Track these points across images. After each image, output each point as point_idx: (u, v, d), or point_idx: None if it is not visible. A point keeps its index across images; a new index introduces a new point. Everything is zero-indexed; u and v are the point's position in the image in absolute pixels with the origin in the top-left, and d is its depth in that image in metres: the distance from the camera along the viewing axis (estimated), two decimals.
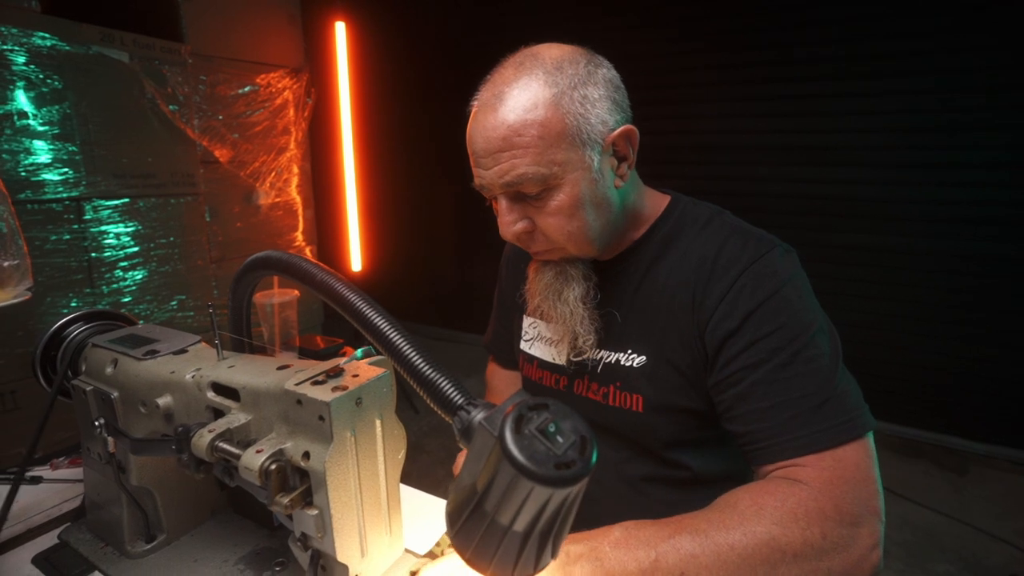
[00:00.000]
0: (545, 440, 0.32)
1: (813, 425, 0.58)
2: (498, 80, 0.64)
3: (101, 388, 0.63)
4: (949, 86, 2.10)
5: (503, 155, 0.62)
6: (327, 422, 0.44)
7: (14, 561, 0.66)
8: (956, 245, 2.20)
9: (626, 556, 0.53)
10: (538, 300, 0.74)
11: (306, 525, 0.46)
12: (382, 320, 0.42)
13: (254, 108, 2.15)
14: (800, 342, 0.62)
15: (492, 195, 0.69)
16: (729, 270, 0.66)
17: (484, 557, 0.35)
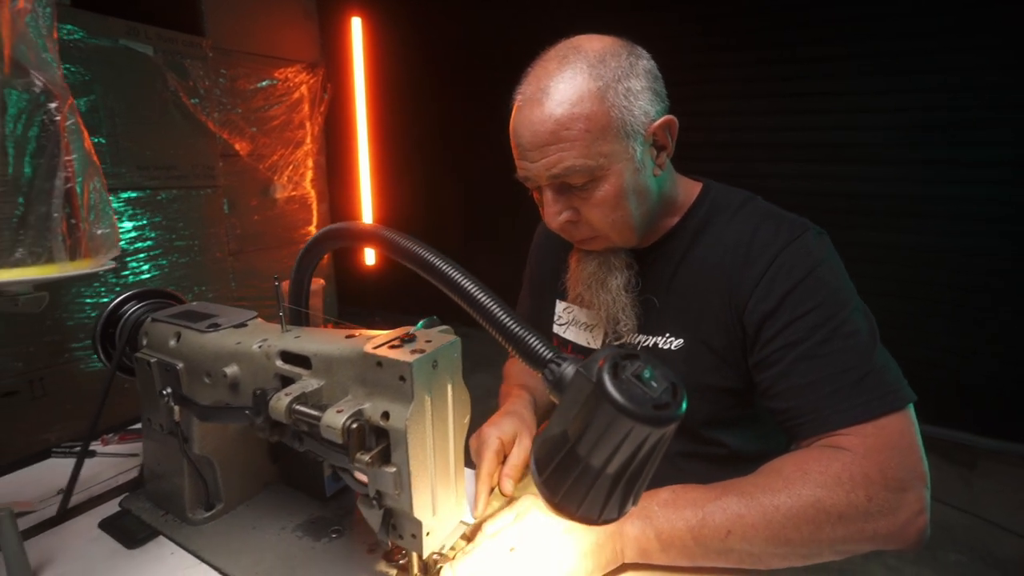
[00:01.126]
0: (641, 384, 0.34)
1: (854, 398, 0.60)
2: (542, 74, 0.65)
3: (165, 360, 0.65)
4: (960, 84, 2.12)
5: (550, 148, 0.64)
6: (408, 383, 0.46)
7: (82, 526, 0.69)
8: (967, 243, 2.22)
9: (674, 515, 0.55)
10: (581, 289, 0.77)
11: (383, 483, 0.48)
12: (470, 283, 0.44)
13: (272, 102, 2.17)
14: (838, 319, 0.63)
15: (536, 186, 0.71)
16: (764, 253, 0.68)
17: (573, 501, 0.38)
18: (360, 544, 0.65)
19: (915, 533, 0.55)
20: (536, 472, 0.40)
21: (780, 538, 0.54)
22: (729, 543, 0.54)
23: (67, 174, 0.45)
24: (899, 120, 2.23)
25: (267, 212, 2.28)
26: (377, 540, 0.65)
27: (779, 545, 0.54)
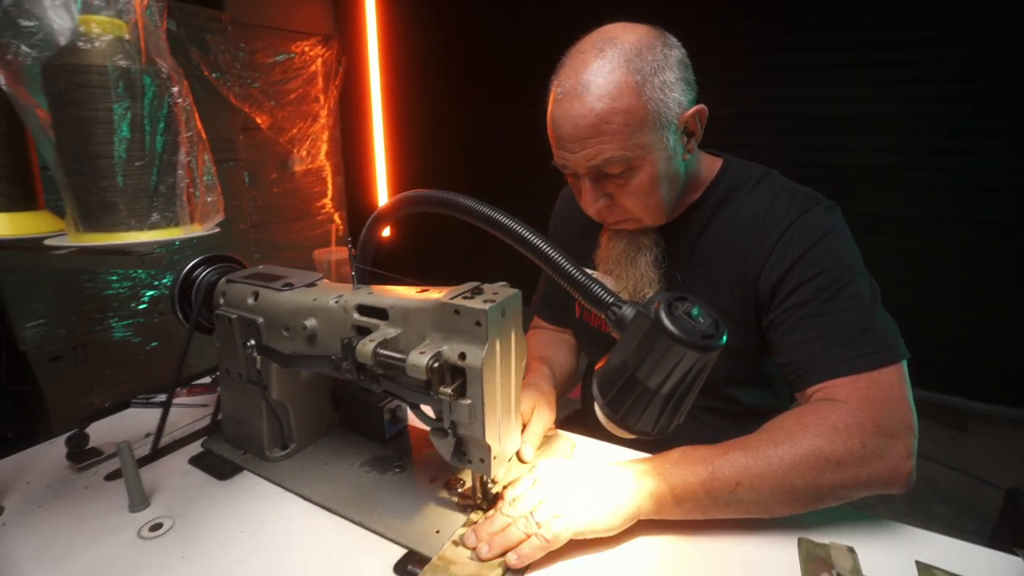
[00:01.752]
0: (691, 320, 0.42)
1: (851, 351, 0.66)
2: (580, 67, 0.68)
3: (246, 316, 0.73)
4: (965, 56, 2.15)
5: (590, 141, 0.68)
6: (483, 327, 0.54)
7: (173, 464, 0.78)
8: (963, 213, 2.29)
9: (686, 471, 0.60)
10: (611, 265, 0.82)
11: (459, 414, 0.57)
12: (540, 240, 0.51)
13: (289, 76, 2.21)
14: (842, 282, 0.69)
15: (573, 173, 0.75)
16: (778, 224, 0.74)
17: (632, 418, 0.46)
18: (422, 476, 0.74)
19: (903, 476, 0.61)
20: (599, 396, 0.48)
21: (785, 486, 0.59)
22: (738, 494, 0.59)
23: (186, 148, 0.52)
24: (907, 92, 2.27)
25: (286, 185, 2.34)
26: (437, 472, 0.74)
27: (784, 493, 0.59)
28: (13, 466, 0.76)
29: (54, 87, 0.46)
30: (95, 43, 0.45)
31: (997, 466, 2.17)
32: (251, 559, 0.60)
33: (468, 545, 0.59)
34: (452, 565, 0.57)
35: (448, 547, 0.60)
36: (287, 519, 0.67)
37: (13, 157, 0.52)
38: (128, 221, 0.50)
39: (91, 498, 0.70)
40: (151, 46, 0.50)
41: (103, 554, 0.61)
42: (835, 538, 0.61)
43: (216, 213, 0.55)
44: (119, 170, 0.48)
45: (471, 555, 0.58)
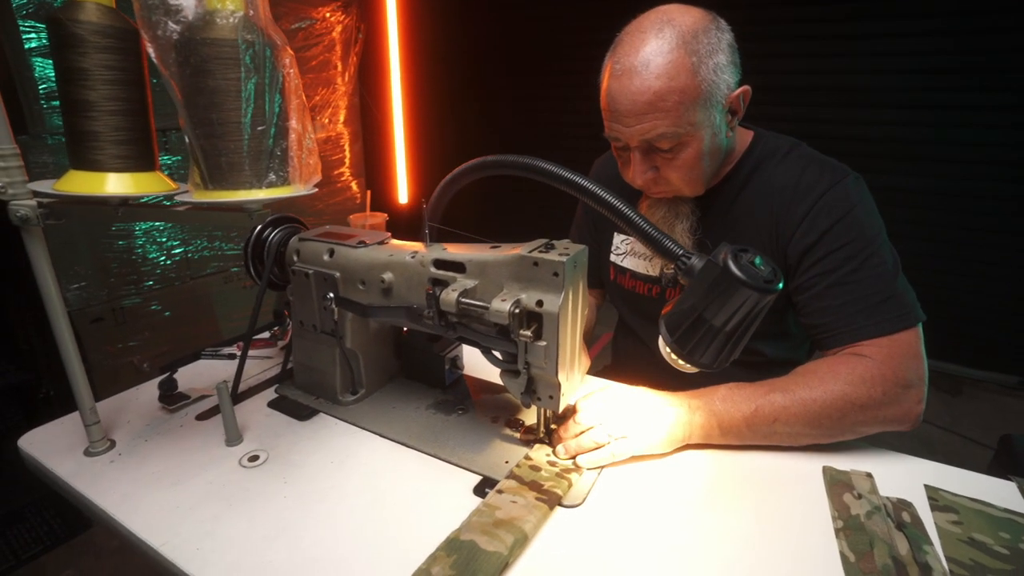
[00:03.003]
0: (754, 267, 0.49)
1: (876, 316, 0.74)
2: (639, 45, 0.72)
3: (322, 271, 0.80)
4: (970, 28, 2.18)
5: (646, 116, 0.73)
6: (561, 277, 0.61)
7: (253, 407, 0.85)
8: (960, 186, 2.36)
9: (732, 408, 0.70)
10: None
11: (535, 354, 0.64)
12: (615, 199, 0.58)
13: (311, 42, 2.21)
14: (867, 252, 0.76)
15: (623, 145, 0.80)
16: (809, 194, 0.79)
17: (697, 352, 0.53)
18: (483, 417, 0.82)
19: (914, 417, 0.71)
20: (667, 335, 0.55)
21: (815, 423, 0.69)
22: (775, 428, 0.69)
23: (297, 115, 0.58)
24: (910, 64, 2.30)
25: None
26: (498, 414, 0.82)
27: (813, 428, 0.70)
28: (111, 408, 0.84)
29: (192, 59, 0.51)
30: (230, 19, 0.50)
31: (986, 427, 2.30)
32: (346, 484, 0.68)
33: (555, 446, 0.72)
34: (540, 469, 0.68)
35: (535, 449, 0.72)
36: (369, 452, 0.75)
37: (137, 122, 0.58)
38: (251, 180, 0.56)
39: (189, 435, 0.78)
40: (265, 20, 0.55)
41: (213, 479, 0.69)
42: (855, 466, 0.70)
43: (315, 173, 0.61)
44: (245, 134, 0.53)
45: (548, 457, 0.70)
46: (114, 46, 0.54)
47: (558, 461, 0.70)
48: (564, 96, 2.99)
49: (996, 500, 0.64)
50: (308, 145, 0.60)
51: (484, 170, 0.67)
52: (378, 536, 0.59)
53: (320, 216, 2.46)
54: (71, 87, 0.53)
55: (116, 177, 0.57)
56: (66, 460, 0.72)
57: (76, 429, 0.77)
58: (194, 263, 1.99)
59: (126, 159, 0.57)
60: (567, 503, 0.64)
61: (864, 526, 0.58)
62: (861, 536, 0.56)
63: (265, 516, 0.62)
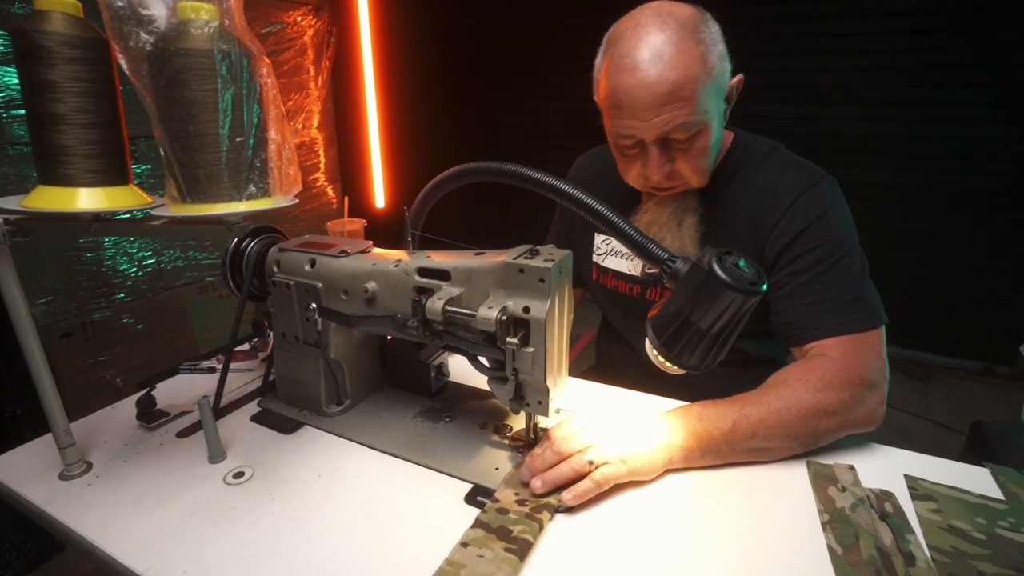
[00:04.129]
0: (738, 269, 0.50)
1: (844, 315, 0.76)
2: (645, 38, 0.72)
3: (303, 282, 0.79)
4: (944, 25, 2.26)
5: (666, 108, 0.72)
6: (547, 283, 0.61)
7: (236, 421, 0.84)
8: (928, 179, 2.44)
9: (710, 426, 0.68)
10: (656, 229, 0.87)
11: (522, 361, 0.64)
12: (600, 205, 0.58)
13: (282, 47, 2.18)
14: (838, 255, 0.79)
15: (635, 143, 0.78)
16: (786, 197, 0.82)
17: (685, 355, 0.54)
18: (472, 424, 0.81)
19: (877, 419, 0.73)
20: (655, 338, 0.56)
21: (791, 434, 0.69)
22: (753, 443, 0.68)
23: (275, 125, 0.57)
24: (882, 61, 2.38)
25: None
26: (486, 420, 0.82)
27: (790, 440, 0.69)
28: (87, 428, 0.81)
29: (167, 70, 0.50)
30: (204, 29, 0.49)
31: (957, 413, 2.38)
32: (335, 499, 0.67)
33: (523, 480, 0.66)
34: (508, 511, 0.62)
35: (500, 489, 0.67)
36: (357, 464, 0.74)
37: (108, 135, 0.56)
38: (231, 192, 0.54)
39: (169, 453, 0.76)
40: (240, 29, 0.54)
41: (198, 498, 0.67)
42: (837, 459, 0.72)
43: (295, 184, 0.60)
44: (224, 146, 0.52)
45: (519, 496, 0.64)
46: (83, 57, 0.52)
47: (527, 499, 0.63)
48: (538, 97, 3.01)
49: (972, 487, 0.67)
50: (287, 155, 0.59)
51: (466, 177, 0.67)
52: (372, 550, 0.58)
53: (296, 223, 2.42)
54: (39, 100, 0.51)
55: (88, 192, 0.55)
56: (39, 485, 0.70)
57: (49, 452, 0.74)
58: (167, 273, 1.94)
59: (98, 173, 0.56)
60: (560, 509, 0.64)
61: (849, 518, 0.59)
62: (847, 528, 0.58)
63: (253, 535, 0.61)
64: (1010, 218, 2.38)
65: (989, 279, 2.49)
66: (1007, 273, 2.45)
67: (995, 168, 2.34)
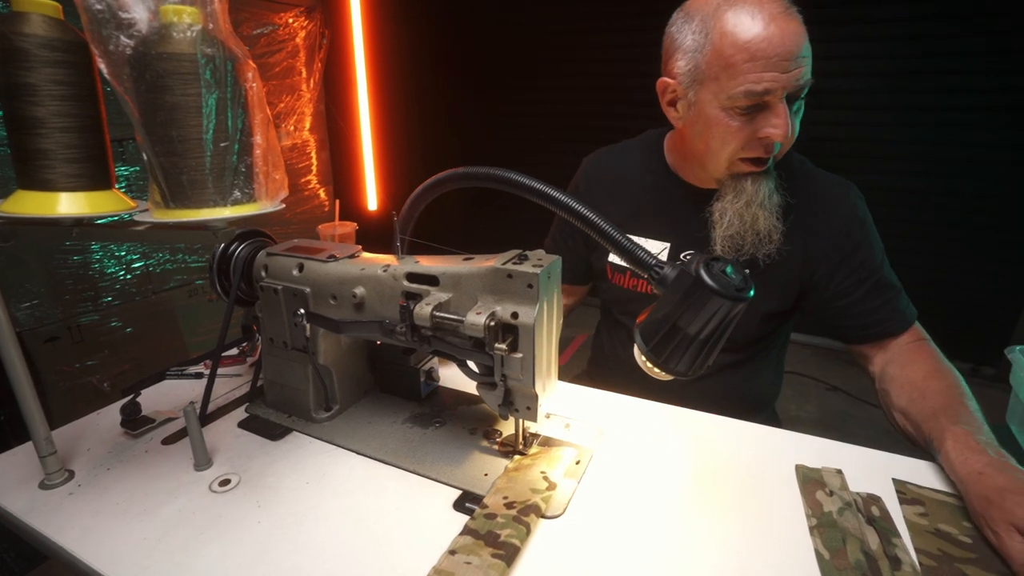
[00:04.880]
0: (725, 276, 0.50)
1: (903, 311, 0.89)
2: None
3: (291, 287, 0.78)
4: (924, 32, 2.28)
5: (803, 59, 0.75)
6: (535, 289, 0.61)
7: (223, 428, 0.83)
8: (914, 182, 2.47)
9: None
10: (755, 208, 0.85)
11: (511, 366, 0.64)
12: (589, 211, 0.58)
13: (273, 49, 2.16)
14: (885, 256, 0.91)
15: (757, 101, 0.76)
16: (836, 212, 0.90)
17: (673, 360, 0.54)
18: (462, 429, 0.81)
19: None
20: (643, 344, 0.56)
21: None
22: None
23: (261, 129, 0.56)
24: (866, 67, 2.40)
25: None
26: (475, 425, 0.82)
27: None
28: (69, 435, 0.80)
29: (148, 75, 0.49)
30: (187, 33, 0.49)
31: None
32: (322, 505, 0.66)
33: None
34: (497, 516, 0.61)
35: (490, 495, 0.66)
36: (346, 471, 0.73)
37: (91, 140, 0.55)
38: (215, 198, 0.54)
39: (154, 461, 0.75)
40: (225, 33, 0.53)
41: (183, 507, 0.66)
42: (826, 462, 0.72)
43: (282, 189, 0.60)
44: (208, 151, 0.51)
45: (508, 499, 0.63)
46: (63, 60, 0.51)
47: (515, 501, 0.63)
48: (529, 100, 3.01)
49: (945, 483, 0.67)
50: (273, 160, 0.59)
51: (454, 182, 0.67)
52: (360, 558, 0.58)
53: (287, 225, 2.41)
54: (17, 103, 0.50)
55: (69, 197, 0.54)
56: (19, 495, 0.68)
57: (29, 460, 0.73)
58: (156, 277, 1.92)
59: (79, 177, 0.55)
60: (549, 514, 0.64)
61: (836, 523, 0.59)
62: (834, 533, 0.58)
63: (239, 543, 0.60)
64: (996, 221, 2.40)
65: (975, 282, 2.52)
66: (992, 276, 2.48)
67: (980, 171, 2.37)
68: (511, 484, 0.67)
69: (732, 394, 1.01)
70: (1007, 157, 2.31)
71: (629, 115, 2.56)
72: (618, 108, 2.77)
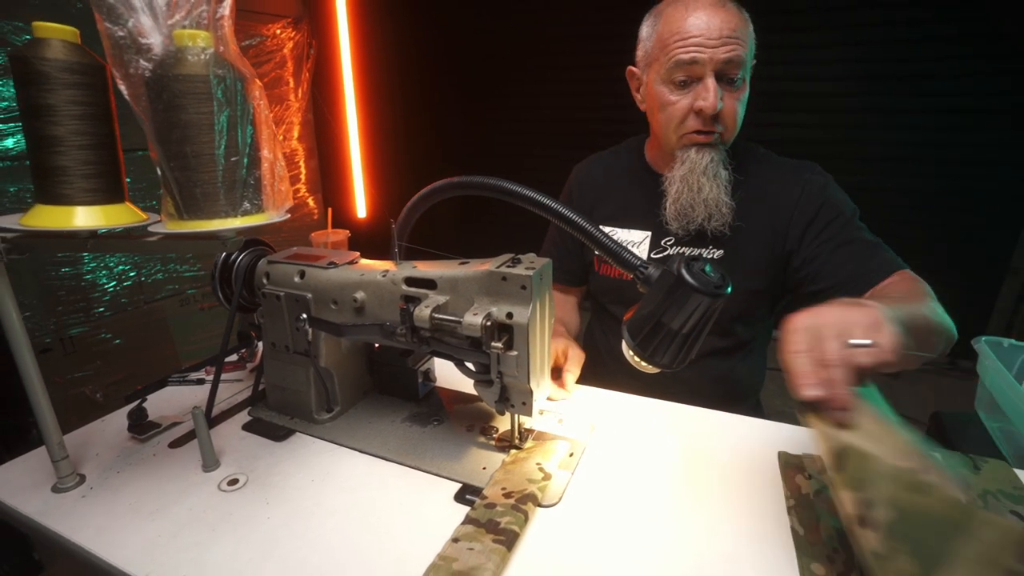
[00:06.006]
0: (705, 274, 0.55)
1: (879, 259, 0.90)
2: None
3: (293, 293, 0.81)
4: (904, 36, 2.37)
5: (730, 39, 0.86)
6: (528, 290, 0.65)
7: (227, 431, 0.85)
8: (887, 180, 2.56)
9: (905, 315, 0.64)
10: (694, 178, 0.94)
11: (507, 364, 0.68)
12: (577, 216, 0.62)
13: (261, 59, 2.19)
14: (849, 217, 0.94)
15: (694, 75, 0.89)
16: (795, 184, 0.96)
17: (659, 354, 0.58)
18: (459, 427, 0.84)
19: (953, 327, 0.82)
20: (630, 339, 0.60)
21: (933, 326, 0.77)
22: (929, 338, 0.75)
23: (268, 144, 0.60)
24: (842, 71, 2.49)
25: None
26: (472, 423, 0.85)
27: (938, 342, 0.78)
28: (77, 441, 0.82)
29: (165, 95, 0.53)
30: (201, 56, 0.52)
31: (922, 406, 2.48)
32: (328, 501, 0.69)
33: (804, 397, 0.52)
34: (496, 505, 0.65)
35: (489, 486, 0.70)
36: (350, 468, 0.76)
37: (105, 156, 0.58)
38: (227, 209, 0.57)
39: (162, 463, 0.77)
40: (234, 55, 0.57)
41: (193, 506, 0.69)
42: (807, 450, 0.77)
43: (287, 199, 0.63)
44: (220, 165, 0.55)
45: (506, 489, 0.67)
46: (81, 82, 0.54)
47: (513, 492, 0.66)
48: (518, 107, 3.06)
49: None
50: (279, 172, 0.62)
51: (450, 191, 0.71)
52: (368, 549, 0.61)
53: (277, 234, 2.42)
54: (38, 123, 0.53)
55: (85, 210, 0.57)
56: (32, 498, 0.70)
57: (40, 466, 0.75)
58: (147, 287, 1.93)
59: (95, 192, 0.58)
60: (545, 503, 0.67)
61: (813, 503, 0.64)
62: (808, 512, 0.62)
63: (251, 539, 0.63)
64: (970, 217, 2.50)
65: (951, 278, 2.61)
66: (969, 271, 2.57)
67: (951, 170, 2.46)
68: (508, 476, 0.71)
69: (719, 382, 1.06)
70: (980, 156, 2.40)
71: (616, 120, 2.62)
72: (606, 114, 2.84)
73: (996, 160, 2.38)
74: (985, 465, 0.74)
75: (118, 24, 0.50)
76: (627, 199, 1.08)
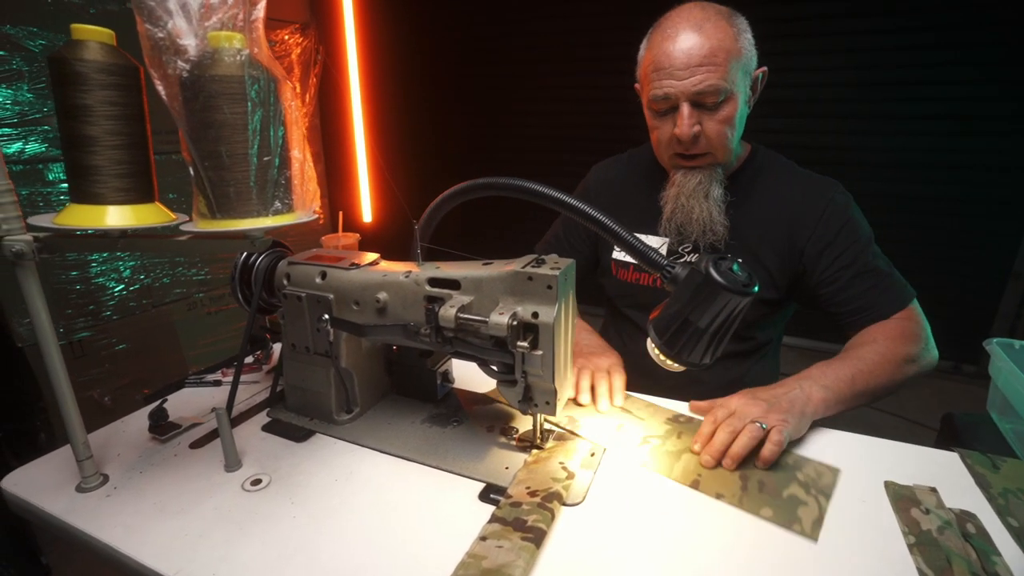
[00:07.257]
0: (732, 273, 0.55)
1: (895, 294, 0.93)
2: (688, 16, 0.87)
3: (315, 294, 0.82)
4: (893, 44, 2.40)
5: (700, 69, 0.84)
6: (554, 290, 0.65)
7: (247, 432, 0.85)
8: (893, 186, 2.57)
9: (837, 381, 0.81)
10: (683, 199, 0.96)
11: (532, 363, 0.68)
12: (603, 216, 0.63)
13: None
14: (871, 247, 0.95)
15: (669, 106, 0.90)
16: (817, 204, 0.97)
17: (685, 352, 0.59)
18: (480, 427, 0.85)
19: (935, 362, 0.92)
20: (656, 338, 0.60)
21: (891, 380, 0.84)
22: (867, 390, 0.82)
23: (298, 144, 0.60)
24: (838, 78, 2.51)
25: None
26: (492, 423, 0.86)
27: (889, 385, 0.84)
28: (98, 442, 0.82)
29: (201, 95, 0.53)
30: (236, 57, 0.53)
31: (927, 409, 2.49)
32: (354, 500, 0.70)
33: (706, 464, 0.73)
34: (522, 503, 0.65)
35: (513, 485, 0.70)
36: (372, 468, 0.76)
37: (138, 156, 0.58)
38: (259, 208, 0.58)
39: (185, 464, 0.78)
40: (267, 57, 0.57)
41: (219, 505, 0.69)
42: (916, 480, 0.70)
43: (315, 199, 0.64)
44: (252, 165, 0.55)
45: (530, 488, 0.68)
46: (116, 83, 0.55)
47: (538, 490, 0.67)
48: (525, 111, 3.08)
49: (942, 471, 0.72)
50: (308, 172, 0.63)
51: (473, 192, 0.71)
52: (393, 546, 0.61)
53: (284, 238, 2.42)
54: (73, 123, 0.54)
55: (117, 209, 0.58)
56: (58, 498, 0.71)
57: (64, 466, 0.75)
58: (155, 291, 1.93)
59: (127, 191, 0.58)
60: (570, 502, 0.68)
61: (938, 541, 0.58)
62: (936, 552, 0.57)
63: (277, 536, 0.63)
64: (973, 222, 2.51)
65: (954, 281, 2.62)
66: (971, 275, 2.58)
67: (954, 175, 2.48)
68: (532, 475, 0.71)
69: (733, 385, 1.07)
70: (983, 161, 2.42)
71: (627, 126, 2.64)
72: (610, 120, 2.85)
73: (999, 165, 2.40)
74: (1004, 464, 0.75)
75: (157, 26, 0.51)
76: (645, 204, 1.08)
